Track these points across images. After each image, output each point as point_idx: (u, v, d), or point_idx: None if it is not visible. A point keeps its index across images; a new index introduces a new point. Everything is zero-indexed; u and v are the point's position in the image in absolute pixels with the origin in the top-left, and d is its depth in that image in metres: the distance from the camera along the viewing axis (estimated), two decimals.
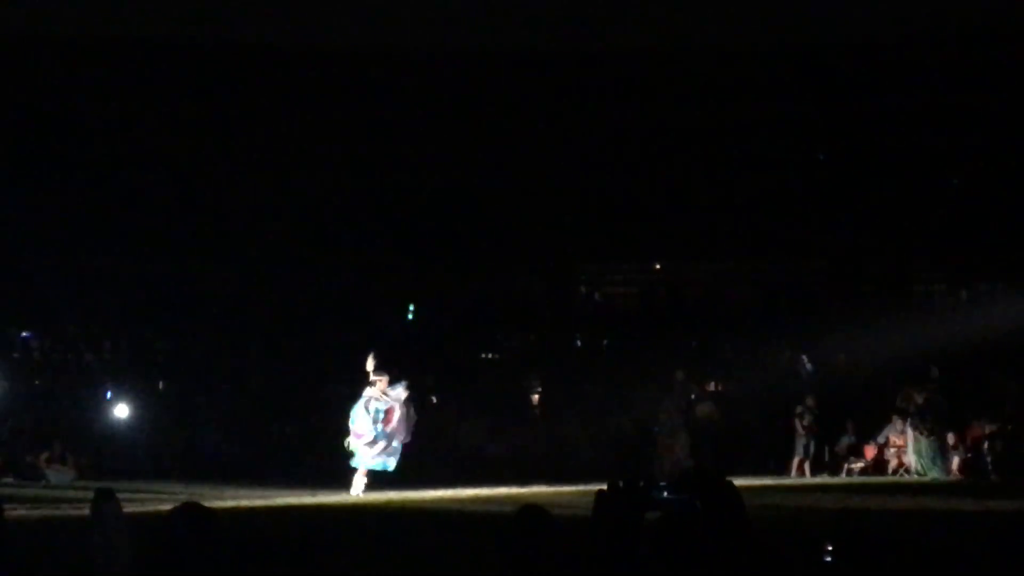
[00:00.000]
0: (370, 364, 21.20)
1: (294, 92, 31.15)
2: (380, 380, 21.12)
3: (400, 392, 21.14)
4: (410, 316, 30.91)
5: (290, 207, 31.06)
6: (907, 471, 26.01)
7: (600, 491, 8.36)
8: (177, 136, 30.41)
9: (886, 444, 26.78)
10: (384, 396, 21.02)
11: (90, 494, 21.51)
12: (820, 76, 31.39)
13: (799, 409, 26.27)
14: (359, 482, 20.89)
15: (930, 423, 25.52)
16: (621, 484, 8.47)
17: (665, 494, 8.26)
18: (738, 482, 21.98)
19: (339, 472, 24.67)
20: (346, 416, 21.34)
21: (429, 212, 31.25)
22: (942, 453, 25.57)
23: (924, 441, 25.58)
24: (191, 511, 5.91)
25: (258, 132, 30.92)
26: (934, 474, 25.24)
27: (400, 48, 31.02)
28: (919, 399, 25.93)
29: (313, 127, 31.20)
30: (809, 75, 31.34)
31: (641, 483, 8.18)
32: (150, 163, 30.52)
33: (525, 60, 31.65)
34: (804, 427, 26.22)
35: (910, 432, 25.80)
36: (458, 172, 31.12)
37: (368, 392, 21.12)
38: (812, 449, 26.31)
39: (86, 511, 17.77)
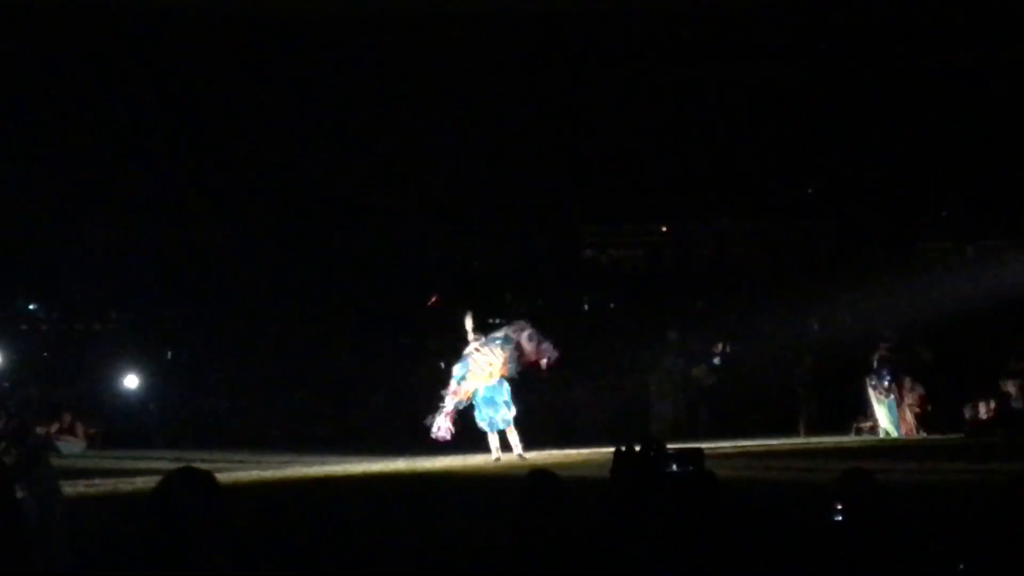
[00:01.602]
0: (469, 324, 21.22)
1: (290, 60, 31.02)
2: (479, 340, 21.10)
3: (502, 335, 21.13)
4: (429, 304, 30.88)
5: (295, 174, 31.03)
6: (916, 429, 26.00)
7: (618, 450, 8.38)
8: (183, 102, 30.34)
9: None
10: (479, 351, 20.99)
11: (102, 463, 21.60)
12: (823, 33, 31.23)
13: (798, 370, 26.32)
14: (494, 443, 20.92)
15: (887, 383, 25.46)
16: (637, 447, 8.50)
17: (674, 467, 8.30)
18: (746, 443, 21.94)
19: (346, 439, 24.75)
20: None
21: (432, 176, 31.19)
22: (900, 412, 25.49)
23: (886, 402, 25.50)
24: (188, 475, 5.87)
25: (264, 100, 30.84)
26: (893, 434, 25.16)
27: (400, 13, 30.90)
28: (874, 361, 25.88)
29: (313, 92, 31.12)
30: (813, 32, 31.19)
31: (652, 452, 8.21)
32: (155, 130, 30.46)
33: (528, 20, 31.51)
34: (804, 388, 26.27)
35: (871, 394, 25.69)
36: (460, 136, 31.03)
37: (468, 351, 21.07)
38: (815, 409, 26.36)
39: (98, 483, 17.89)
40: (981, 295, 27.41)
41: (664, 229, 34.35)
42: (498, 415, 20.89)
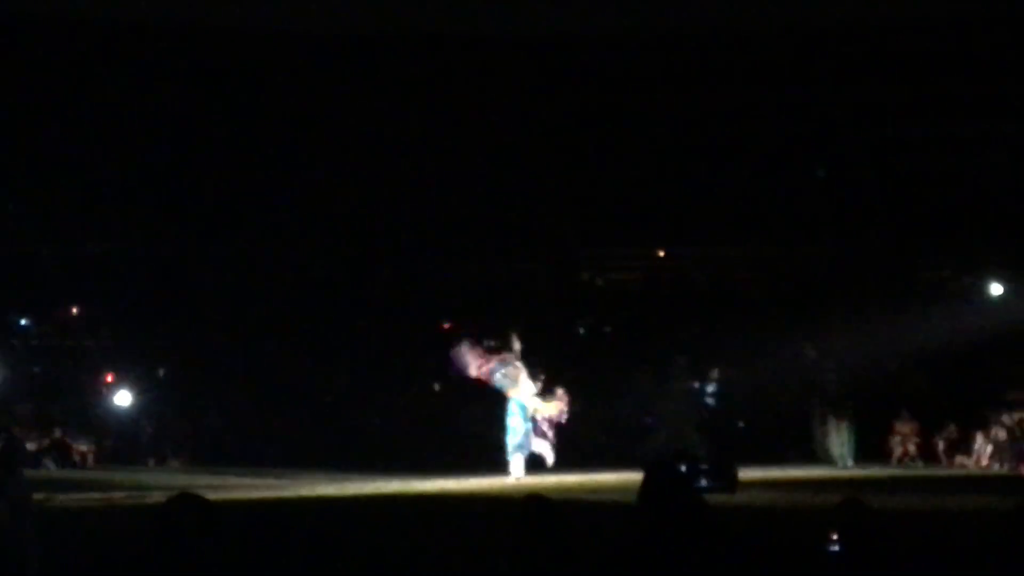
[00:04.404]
0: (517, 345, 21.36)
1: (289, 80, 30.99)
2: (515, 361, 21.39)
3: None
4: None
5: (292, 193, 30.97)
6: (912, 459, 26.07)
7: (649, 469, 8.20)
8: (179, 118, 30.30)
9: (890, 433, 26.82)
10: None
11: (92, 479, 21.48)
12: (824, 61, 31.24)
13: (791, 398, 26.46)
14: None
15: (849, 411, 25.57)
16: (668, 462, 8.38)
17: (704, 481, 8.22)
18: (744, 473, 21.69)
19: (339, 459, 24.65)
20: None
21: (430, 199, 31.14)
22: (859, 442, 25.58)
23: (844, 428, 25.58)
24: (187, 501, 5.82)
25: (262, 118, 30.81)
26: (847, 462, 25.23)
27: (396, 34, 30.91)
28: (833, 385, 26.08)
29: (312, 112, 31.09)
30: (814, 60, 31.20)
31: (684, 467, 8.09)
32: (149, 146, 30.41)
33: (524, 44, 31.54)
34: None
35: (832, 421, 25.78)
36: (459, 159, 31.01)
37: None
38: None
39: (88, 498, 17.79)
40: (979, 326, 27.37)
41: (661, 253, 34.30)
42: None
